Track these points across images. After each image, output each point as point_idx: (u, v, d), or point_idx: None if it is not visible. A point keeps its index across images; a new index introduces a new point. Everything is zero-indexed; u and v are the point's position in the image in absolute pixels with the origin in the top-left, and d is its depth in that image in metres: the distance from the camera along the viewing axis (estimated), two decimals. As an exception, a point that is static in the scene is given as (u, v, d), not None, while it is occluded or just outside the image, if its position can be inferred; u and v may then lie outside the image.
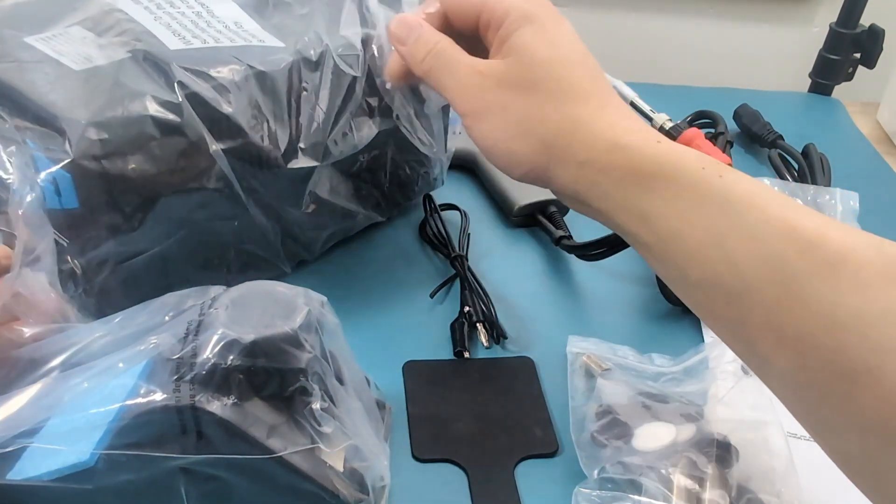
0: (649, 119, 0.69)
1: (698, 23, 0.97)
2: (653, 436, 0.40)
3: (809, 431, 0.30)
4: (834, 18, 0.84)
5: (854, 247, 0.27)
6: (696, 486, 0.37)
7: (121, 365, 0.32)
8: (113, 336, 0.35)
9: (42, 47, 0.40)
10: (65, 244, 0.39)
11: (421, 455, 0.41)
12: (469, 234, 0.56)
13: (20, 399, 0.32)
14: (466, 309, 0.49)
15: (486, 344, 0.48)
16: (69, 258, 0.39)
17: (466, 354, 0.47)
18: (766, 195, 0.30)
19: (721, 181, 0.30)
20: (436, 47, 0.38)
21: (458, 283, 0.53)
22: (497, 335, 0.49)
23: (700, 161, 0.31)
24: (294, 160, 0.45)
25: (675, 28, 0.97)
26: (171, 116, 0.40)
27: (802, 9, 0.96)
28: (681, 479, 0.38)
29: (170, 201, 0.41)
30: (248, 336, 0.32)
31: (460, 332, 0.48)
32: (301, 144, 0.45)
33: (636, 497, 0.38)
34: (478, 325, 0.49)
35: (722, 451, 0.38)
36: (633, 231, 0.33)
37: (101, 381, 0.32)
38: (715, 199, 0.30)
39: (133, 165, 0.39)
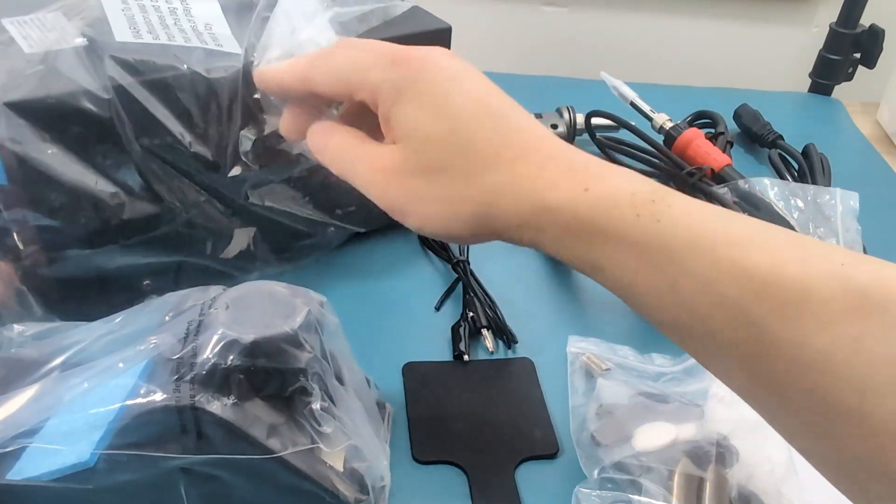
0: (649, 119, 0.69)
1: (698, 23, 0.97)
2: (653, 436, 0.40)
3: (797, 450, 0.29)
4: (834, 18, 0.84)
5: (813, 282, 0.25)
6: (696, 486, 0.37)
7: (121, 365, 0.32)
8: (113, 336, 0.35)
9: (12, 29, 0.41)
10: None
11: (421, 457, 0.41)
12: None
13: (20, 399, 0.32)
14: (471, 315, 0.49)
15: (491, 349, 0.48)
16: (15, 235, 0.40)
17: (466, 357, 0.47)
18: (710, 234, 0.27)
19: (659, 227, 0.28)
20: (329, 146, 0.35)
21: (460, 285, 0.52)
22: (507, 340, 0.49)
23: (633, 205, 0.29)
24: (225, 167, 0.44)
25: (675, 28, 0.97)
26: (94, 108, 0.39)
27: (802, 9, 0.96)
28: (681, 479, 0.38)
29: (89, 195, 0.41)
30: (248, 336, 0.32)
31: (462, 336, 0.48)
32: (241, 150, 0.44)
33: (636, 497, 0.38)
34: (483, 330, 0.49)
35: (722, 451, 0.38)
36: (597, 279, 0.31)
37: (101, 381, 0.32)
38: (657, 250, 0.28)
39: (51, 151, 0.39)
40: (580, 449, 0.41)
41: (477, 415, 0.44)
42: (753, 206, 0.57)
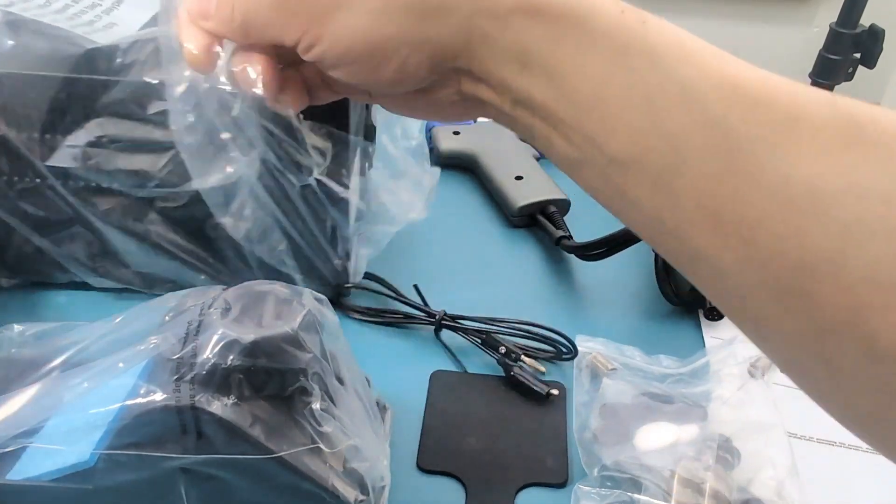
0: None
1: (698, 23, 0.97)
2: (654, 435, 0.40)
3: (761, 347, 0.25)
4: (834, 18, 0.84)
5: (806, 104, 0.22)
6: (697, 487, 0.37)
7: (121, 365, 0.32)
8: (113, 336, 0.35)
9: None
10: None
11: (425, 465, 0.41)
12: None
13: (20, 399, 0.32)
14: (503, 350, 0.47)
15: (543, 370, 0.47)
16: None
17: (556, 392, 0.45)
18: (699, 46, 0.24)
19: (644, 28, 0.24)
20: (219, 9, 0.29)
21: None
22: (559, 352, 0.47)
23: (617, 2, 0.25)
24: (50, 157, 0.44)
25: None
26: None
27: (802, 9, 0.96)
28: (681, 480, 0.38)
29: None
30: (248, 336, 0.32)
31: (527, 379, 0.46)
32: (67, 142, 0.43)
33: (636, 496, 0.38)
34: (523, 358, 0.47)
35: (723, 453, 0.38)
36: (537, 99, 0.25)
37: (101, 381, 0.32)
38: (639, 51, 0.24)
39: None
40: (582, 447, 0.41)
41: (491, 432, 0.43)
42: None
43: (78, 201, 0.45)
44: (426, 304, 0.49)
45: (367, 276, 0.50)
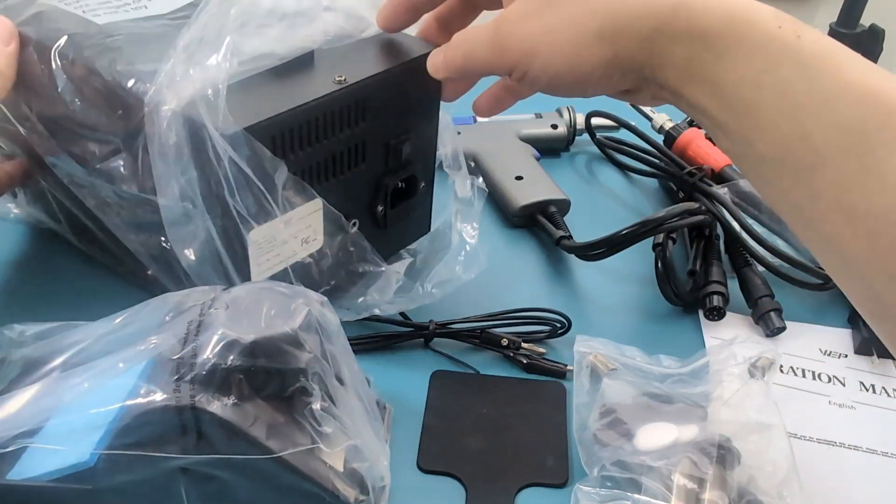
0: (649, 119, 0.69)
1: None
2: (654, 435, 0.40)
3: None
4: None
5: None
6: (696, 487, 0.37)
7: (121, 365, 0.32)
8: (113, 336, 0.35)
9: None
10: None
11: (425, 465, 0.41)
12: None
13: (20, 399, 0.32)
14: (504, 342, 0.48)
15: (543, 351, 0.48)
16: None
17: (570, 368, 0.46)
18: (847, 58, 0.27)
19: (798, 41, 0.28)
20: (447, 49, 0.39)
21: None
22: (554, 328, 0.49)
23: (777, 18, 0.29)
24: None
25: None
26: None
27: (802, 9, 0.96)
28: (681, 479, 0.38)
29: None
30: (248, 336, 0.32)
31: (538, 362, 0.47)
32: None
33: (636, 496, 0.38)
34: (523, 345, 0.48)
35: (723, 453, 0.38)
36: (703, 105, 0.30)
37: (101, 381, 0.32)
38: (790, 61, 0.27)
39: None
40: (582, 447, 0.41)
41: (492, 432, 0.43)
42: (754, 205, 0.57)
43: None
44: (408, 319, 0.49)
45: None
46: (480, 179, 0.51)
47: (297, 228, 0.42)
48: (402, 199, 0.49)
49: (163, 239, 0.41)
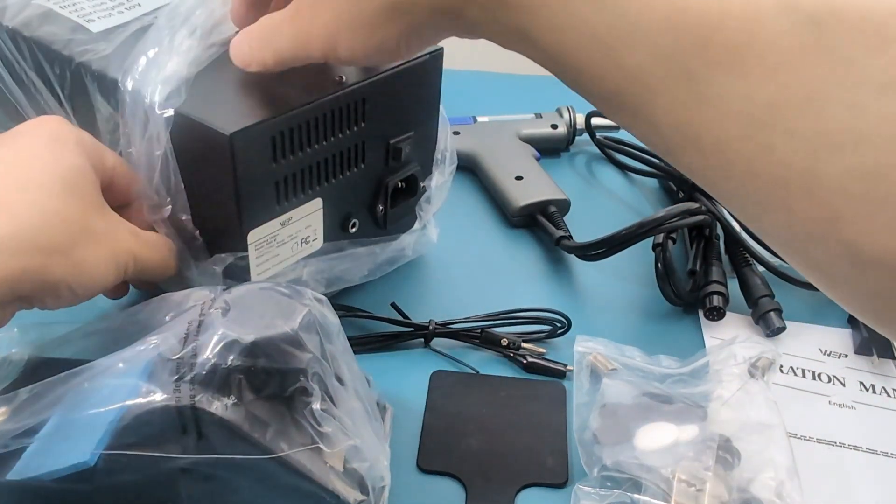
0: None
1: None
2: (654, 436, 0.40)
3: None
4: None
5: (759, 20, 0.22)
6: (696, 487, 0.37)
7: (121, 365, 0.32)
8: (113, 336, 0.35)
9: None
10: None
11: (425, 466, 0.41)
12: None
13: (20, 399, 0.32)
14: (504, 342, 0.48)
15: (544, 351, 0.48)
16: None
17: (571, 368, 0.46)
18: None
19: None
20: (250, 40, 0.36)
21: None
22: (554, 328, 0.49)
23: None
24: None
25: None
26: None
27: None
28: (681, 479, 0.38)
29: None
30: (248, 336, 0.32)
31: (540, 361, 0.48)
32: None
33: (636, 496, 0.38)
34: (523, 345, 0.48)
35: (723, 453, 0.38)
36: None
37: (101, 381, 0.32)
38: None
39: None
40: (582, 447, 0.41)
41: (492, 432, 0.43)
42: None
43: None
44: (407, 318, 0.49)
45: (341, 307, 0.49)
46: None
47: (297, 228, 0.42)
48: (402, 198, 0.49)
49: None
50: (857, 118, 0.20)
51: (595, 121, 0.69)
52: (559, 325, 0.49)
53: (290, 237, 0.42)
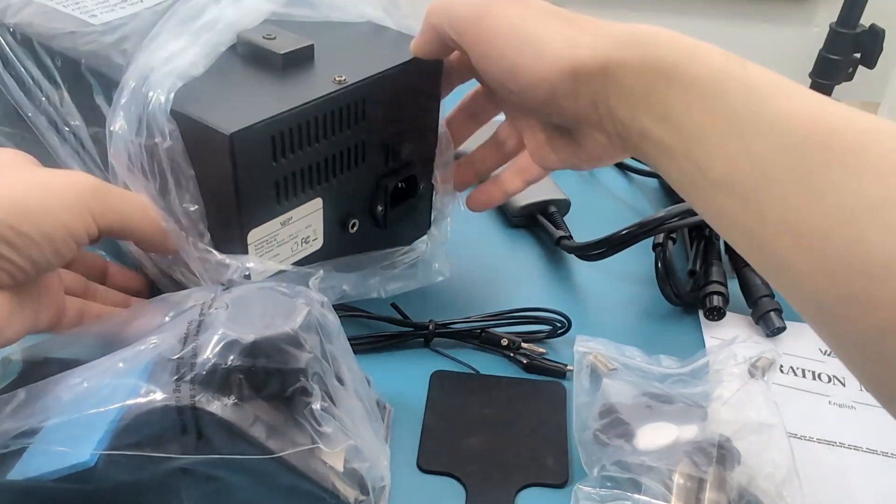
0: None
1: (698, 23, 0.97)
2: (654, 435, 0.40)
3: (835, 349, 0.29)
4: (834, 18, 0.84)
5: (878, 134, 0.26)
6: (696, 487, 0.37)
7: (121, 365, 0.32)
8: (113, 336, 0.35)
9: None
10: None
11: (425, 466, 0.41)
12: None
13: (20, 399, 0.32)
14: (504, 342, 0.48)
15: (544, 351, 0.48)
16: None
17: (570, 368, 0.46)
18: (789, 86, 0.29)
19: (744, 71, 0.30)
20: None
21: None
22: (554, 328, 0.49)
23: (723, 53, 0.31)
24: None
25: (675, 28, 0.97)
26: None
27: (802, 9, 0.96)
28: (681, 479, 0.38)
29: None
30: (249, 336, 0.32)
31: (538, 361, 0.47)
32: None
33: (636, 496, 0.38)
34: (523, 346, 0.48)
35: (724, 453, 0.38)
36: (656, 134, 0.32)
37: (101, 381, 0.32)
38: (737, 89, 0.29)
39: None
40: (582, 447, 0.41)
41: (492, 433, 0.43)
42: None
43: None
44: (407, 318, 0.49)
45: (341, 306, 0.49)
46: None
47: (297, 228, 0.42)
48: (403, 199, 0.49)
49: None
50: None
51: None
52: (559, 325, 0.49)
53: (291, 237, 0.42)
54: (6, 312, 0.33)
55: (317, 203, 0.42)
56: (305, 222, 0.42)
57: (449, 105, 0.49)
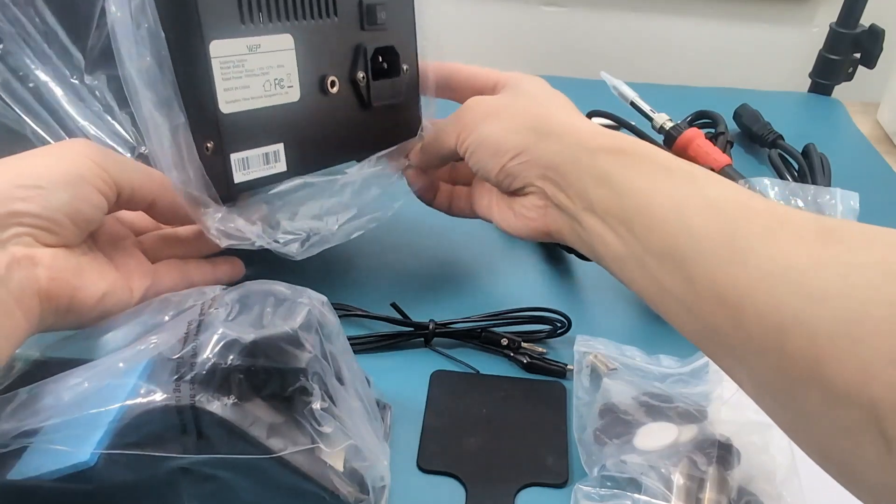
0: (650, 119, 0.69)
1: (698, 23, 0.97)
2: (654, 435, 0.40)
3: (757, 401, 0.32)
4: (834, 18, 0.84)
5: (795, 215, 0.30)
6: (696, 487, 0.37)
7: (121, 365, 0.32)
8: (113, 335, 0.35)
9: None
10: None
11: (425, 465, 0.41)
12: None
13: (21, 399, 0.32)
14: (504, 342, 0.48)
15: (544, 351, 0.48)
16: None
17: (571, 367, 0.46)
18: (723, 181, 0.34)
19: (686, 164, 0.36)
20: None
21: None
22: (554, 328, 0.49)
23: (668, 154, 0.37)
24: None
25: (675, 28, 0.97)
26: None
27: (802, 9, 0.96)
28: (681, 479, 0.38)
29: None
30: (248, 336, 0.32)
31: (539, 360, 0.47)
32: None
33: (636, 495, 0.38)
34: (523, 345, 0.48)
35: (723, 453, 0.38)
36: (605, 204, 0.36)
37: (101, 381, 0.32)
38: (680, 173, 0.35)
39: None
40: (582, 447, 0.41)
41: (492, 432, 0.43)
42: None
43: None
44: (407, 318, 0.49)
45: (341, 306, 0.49)
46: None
47: (268, 63, 0.41)
48: (385, 75, 0.48)
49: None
50: (846, 280, 0.27)
51: (595, 120, 0.69)
52: (559, 324, 0.49)
53: (262, 70, 0.40)
54: (70, 268, 0.35)
55: (286, 40, 0.41)
56: (277, 59, 0.41)
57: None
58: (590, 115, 0.69)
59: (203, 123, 0.39)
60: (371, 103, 0.47)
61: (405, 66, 0.49)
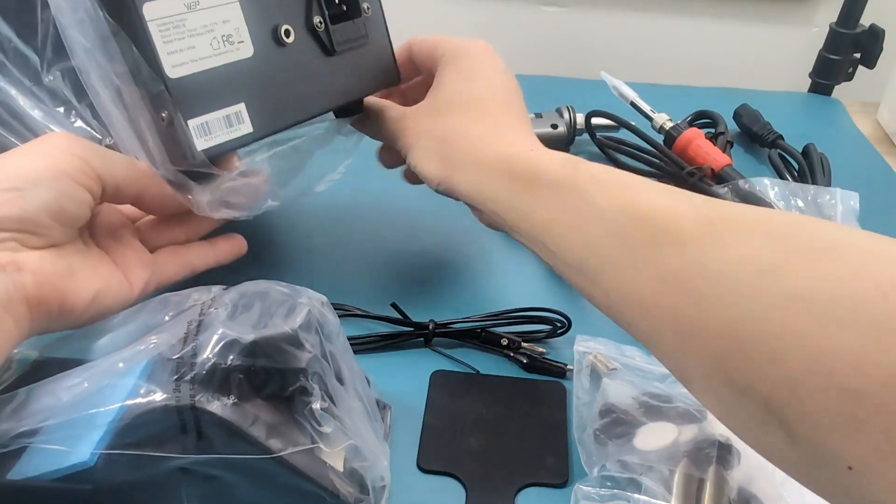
0: (649, 119, 0.69)
1: (698, 23, 0.97)
2: (654, 435, 0.40)
3: (683, 383, 0.32)
4: (834, 18, 0.84)
5: (676, 216, 0.31)
6: (696, 487, 0.37)
7: (121, 365, 0.32)
8: (113, 336, 0.35)
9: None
10: None
11: (425, 466, 0.41)
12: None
13: (21, 399, 0.32)
14: (504, 342, 0.48)
15: (544, 351, 0.48)
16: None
17: (571, 367, 0.46)
18: (609, 179, 0.35)
19: (575, 173, 0.36)
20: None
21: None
22: (554, 328, 0.49)
23: (562, 161, 0.37)
24: None
25: (674, 28, 0.97)
26: None
27: (802, 9, 0.96)
28: (681, 479, 0.38)
29: None
30: (248, 336, 0.32)
31: (538, 358, 0.48)
32: None
33: (636, 496, 0.38)
34: (523, 345, 0.48)
35: (723, 453, 0.38)
36: (522, 227, 0.38)
37: (101, 381, 0.32)
38: (571, 191, 0.35)
39: None
40: (582, 447, 0.41)
41: (492, 432, 0.43)
42: (754, 205, 0.57)
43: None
44: (407, 318, 0.49)
45: (341, 306, 0.49)
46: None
47: (211, 19, 0.38)
48: (346, 18, 0.45)
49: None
50: (719, 283, 0.28)
51: (595, 120, 0.69)
52: (559, 324, 0.49)
53: (205, 28, 0.38)
54: (58, 271, 0.35)
55: None
56: (220, 14, 0.39)
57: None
58: (589, 116, 0.69)
59: (155, 94, 0.37)
60: (335, 49, 0.44)
61: (366, 5, 0.45)
